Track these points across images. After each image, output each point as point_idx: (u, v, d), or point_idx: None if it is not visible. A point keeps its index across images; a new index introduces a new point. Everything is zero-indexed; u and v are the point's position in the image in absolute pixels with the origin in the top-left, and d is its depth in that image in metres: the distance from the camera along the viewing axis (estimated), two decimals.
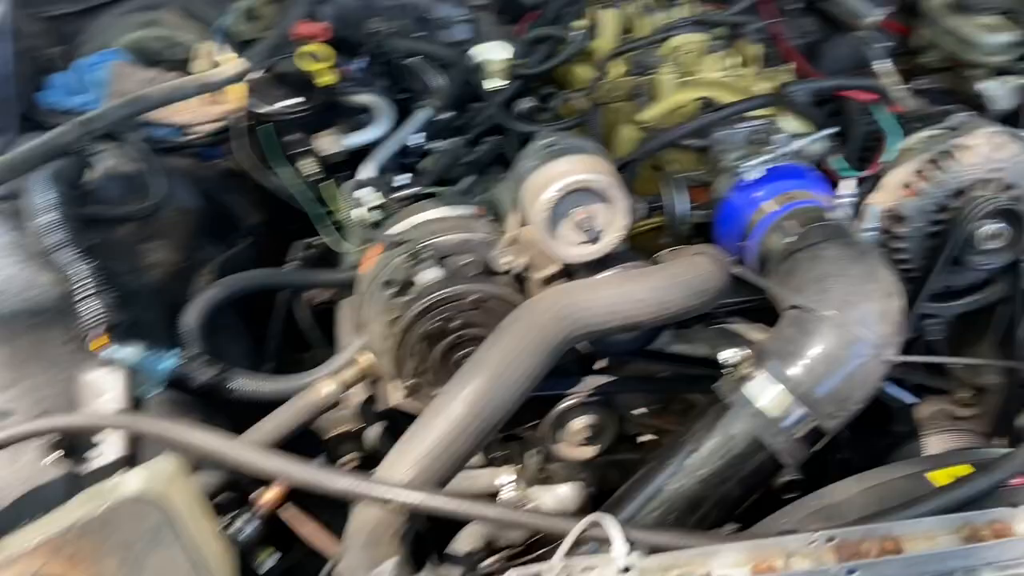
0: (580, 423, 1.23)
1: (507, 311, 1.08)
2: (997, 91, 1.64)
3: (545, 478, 1.30)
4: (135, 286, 1.21)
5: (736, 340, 1.28)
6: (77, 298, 1.11)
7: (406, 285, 1.14)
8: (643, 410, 1.34)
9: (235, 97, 1.70)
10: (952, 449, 1.32)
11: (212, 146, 1.71)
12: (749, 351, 1.03)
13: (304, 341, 1.53)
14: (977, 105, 1.78)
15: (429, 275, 1.10)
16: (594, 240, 1.08)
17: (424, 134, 1.67)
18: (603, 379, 1.22)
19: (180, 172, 1.56)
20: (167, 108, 1.58)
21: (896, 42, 1.88)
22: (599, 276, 1.07)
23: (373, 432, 1.37)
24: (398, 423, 1.39)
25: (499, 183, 1.24)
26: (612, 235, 1.07)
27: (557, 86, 1.85)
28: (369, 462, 1.44)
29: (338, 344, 1.40)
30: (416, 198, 1.35)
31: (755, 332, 1.29)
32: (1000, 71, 1.71)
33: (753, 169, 1.16)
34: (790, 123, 1.29)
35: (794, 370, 0.98)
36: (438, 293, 1.06)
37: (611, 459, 1.35)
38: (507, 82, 1.75)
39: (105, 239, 1.26)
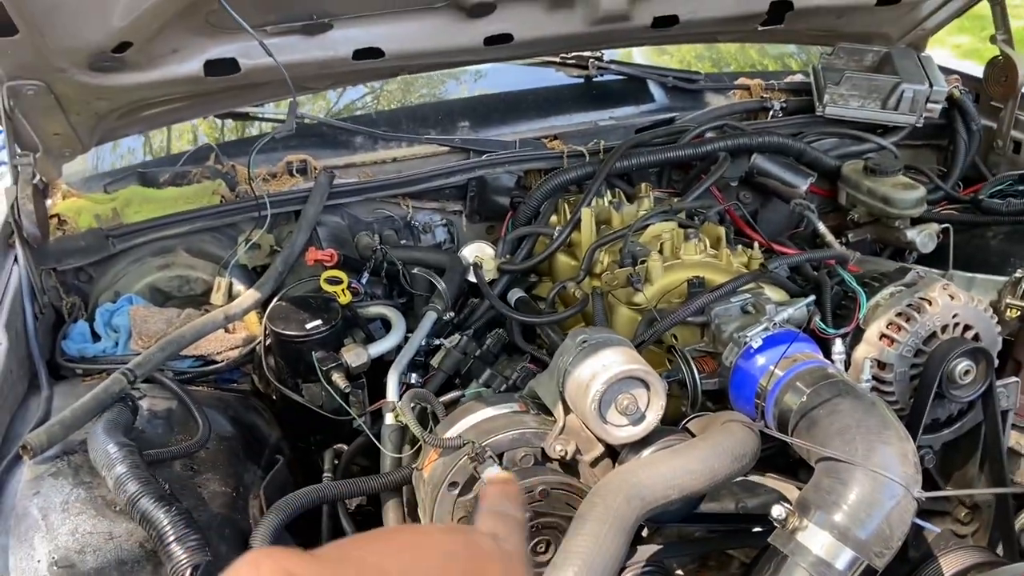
0: None
1: (570, 497, 1.19)
2: (922, 239, 1.90)
3: None
4: (204, 521, 1.26)
5: (757, 489, 1.41)
6: (163, 544, 1.16)
7: (469, 483, 1.23)
8: (681, 572, 1.43)
9: (251, 323, 1.82)
10: (968, 565, 1.45)
11: (229, 371, 1.81)
12: (792, 506, 1.15)
13: None
14: (901, 249, 2.06)
15: (492, 472, 1.20)
16: (637, 421, 1.21)
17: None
18: (654, 547, 1.32)
19: (208, 400, 1.64)
20: None
21: (823, 203, 2.19)
22: (650, 454, 1.19)
23: None
24: None
25: (532, 375, 1.37)
26: (653, 414, 1.21)
27: (538, 275, 2.05)
28: None
29: None
30: (456, 400, 1.46)
31: (773, 482, 1.42)
32: (916, 220, 2.00)
33: (755, 338, 1.33)
34: (771, 293, 1.48)
35: (838, 517, 1.10)
36: None
37: None
38: (496, 277, 1.93)
39: (166, 478, 1.31)
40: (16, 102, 1.59)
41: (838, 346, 1.38)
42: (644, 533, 1.36)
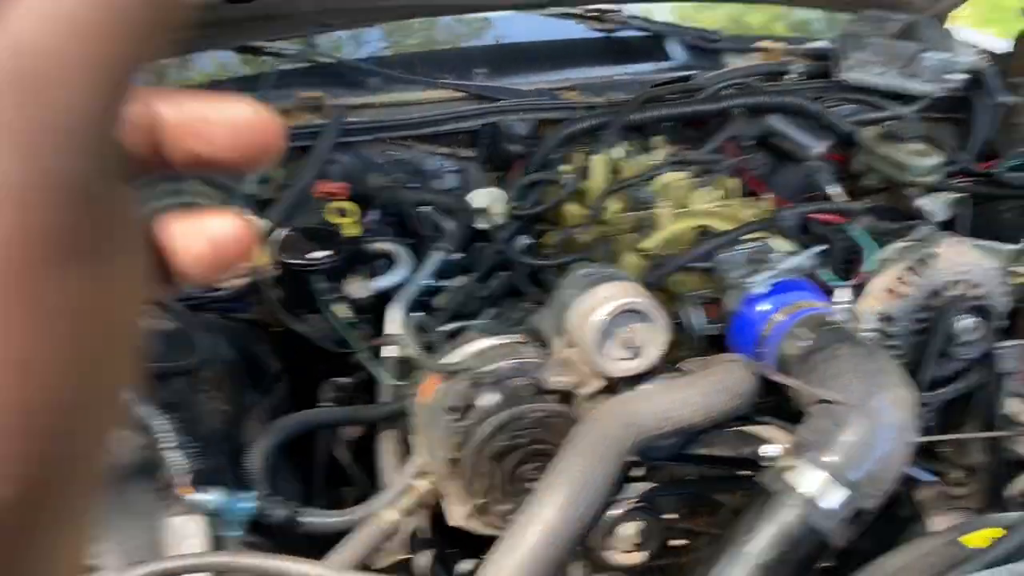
0: (631, 529, 1.31)
1: (566, 426, 1.19)
2: (934, 206, 1.89)
3: None
4: (202, 434, 1.28)
5: (751, 439, 1.42)
6: (160, 450, 1.17)
7: (467, 409, 1.24)
8: (671, 515, 1.44)
9: (260, 254, 1.82)
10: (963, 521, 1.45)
11: (235, 300, 1.82)
12: (787, 445, 1.16)
13: (342, 476, 1.59)
14: (913, 218, 2.04)
15: (490, 399, 1.21)
16: (637, 356, 1.21)
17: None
18: (646, 486, 1.32)
19: (211, 327, 1.65)
20: None
21: (836, 169, 2.18)
22: (647, 386, 1.19)
23: (423, 561, 1.43)
24: (446, 552, 1.45)
25: (534, 312, 1.37)
26: (655, 350, 1.21)
27: (546, 224, 2.05)
28: None
29: (383, 474, 1.47)
30: (457, 332, 1.46)
31: (769, 431, 1.42)
32: (931, 189, 1.98)
33: (760, 284, 1.32)
34: (780, 244, 1.48)
35: (832, 457, 1.10)
36: (505, 413, 1.17)
37: (650, 565, 1.43)
38: (505, 223, 1.93)
39: (167, 392, 1.33)
40: None
41: (841, 295, 1.37)
42: (639, 472, 1.37)
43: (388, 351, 1.58)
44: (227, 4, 1.80)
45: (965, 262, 1.37)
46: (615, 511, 1.31)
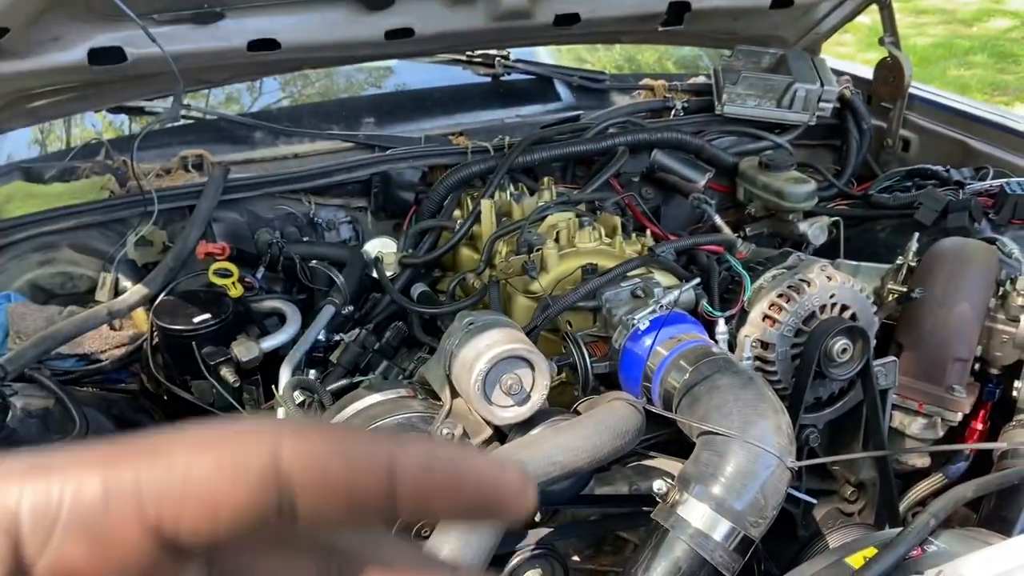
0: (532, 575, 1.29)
1: None
2: (814, 230, 1.96)
3: None
4: None
5: (650, 473, 1.43)
6: None
7: None
8: (577, 557, 1.43)
9: (139, 321, 1.76)
10: (854, 540, 1.48)
11: (115, 371, 1.74)
12: (675, 480, 1.17)
13: None
14: (797, 242, 2.12)
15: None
16: (523, 402, 1.21)
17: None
18: (545, 531, 1.31)
19: (91, 401, 1.58)
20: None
21: (723, 199, 2.25)
22: (533, 433, 1.19)
23: None
24: None
25: (425, 363, 1.35)
26: (538, 395, 1.20)
27: (442, 270, 2.04)
28: None
29: None
30: (345, 390, 1.43)
31: (665, 464, 1.44)
32: (809, 214, 2.06)
33: (642, 320, 1.34)
34: (661, 278, 1.50)
35: (716, 489, 1.12)
36: None
37: None
38: (398, 271, 1.91)
39: None
40: None
41: (721, 326, 1.40)
42: (537, 517, 1.36)
43: (279, 412, 1.54)
44: (99, 67, 1.75)
45: (833, 286, 1.42)
46: (515, 559, 1.30)
